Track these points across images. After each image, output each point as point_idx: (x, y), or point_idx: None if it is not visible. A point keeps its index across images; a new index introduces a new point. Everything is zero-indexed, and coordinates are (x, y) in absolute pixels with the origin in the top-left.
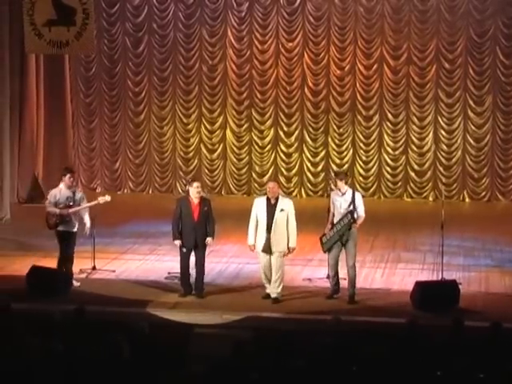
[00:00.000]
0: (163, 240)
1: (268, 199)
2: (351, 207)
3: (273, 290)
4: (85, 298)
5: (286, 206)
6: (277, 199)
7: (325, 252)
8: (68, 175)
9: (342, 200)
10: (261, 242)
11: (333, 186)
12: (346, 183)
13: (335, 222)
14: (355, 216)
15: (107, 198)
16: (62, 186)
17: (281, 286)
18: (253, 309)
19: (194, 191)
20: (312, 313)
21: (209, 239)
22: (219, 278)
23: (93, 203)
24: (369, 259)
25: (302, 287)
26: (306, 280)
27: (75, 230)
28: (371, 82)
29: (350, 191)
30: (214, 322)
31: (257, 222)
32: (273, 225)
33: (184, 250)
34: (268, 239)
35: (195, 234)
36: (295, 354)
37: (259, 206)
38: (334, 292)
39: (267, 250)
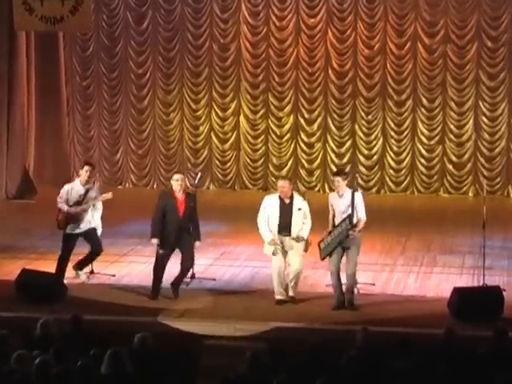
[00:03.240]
0: None
1: (281, 198)
2: (349, 211)
3: (291, 289)
4: (82, 305)
5: (303, 205)
6: (291, 198)
7: (322, 259)
8: (85, 168)
9: (340, 202)
10: (272, 246)
11: (333, 186)
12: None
13: (335, 225)
14: (354, 220)
15: (109, 195)
16: (77, 180)
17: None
18: (270, 318)
19: (175, 184)
20: (336, 323)
21: (197, 243)
22: (232, 284)
23: (89, 204)
24: (400, 262)
25: (325, 294)
26: (330, 286)
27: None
28: (404, 63)
29: (348, 192)
30: (226, 333)
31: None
32: (292, 226)
33: (161, 251)
34: (282, 241)
35: (179, 232)
36: (317, 369)
37: (271, 205)
38: (340, 304)
39: (281, 252)
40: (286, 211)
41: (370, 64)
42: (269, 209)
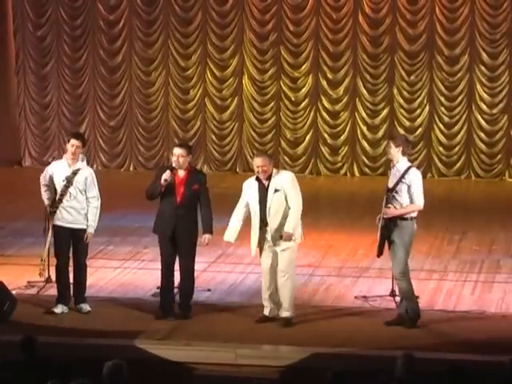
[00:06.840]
0: (150, 239)
1: (258, 180)
2: (394, 186)
3: (284, 306)
4: (35, 324)
5: (279, 182)
6: (269, 177)
7: (378, 256)
8: (71, 141)
9: (391, 175)
10: (256, 241)
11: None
12: (404, 153)
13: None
14: (398, 202)
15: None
16: (64, 158)
17: (292, 300)
18: (281, 341)
19: (174, 159)
20: (368, 347)
21: (206, 237)
22: (232, 296)
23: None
24: (453, 268)
25: (354, 309)
26: (360, 298)
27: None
28: (457, 7)
29: (404, 165)
30: (224, 361)
31: (248, 212)
32: (267, 214)
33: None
34: (263, 235)
35: (175, 221)
36: None
37: (249, 189)
38: (398, 317)
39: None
40: (263, 196)
41: (412, 8)
42: (249, 195)
